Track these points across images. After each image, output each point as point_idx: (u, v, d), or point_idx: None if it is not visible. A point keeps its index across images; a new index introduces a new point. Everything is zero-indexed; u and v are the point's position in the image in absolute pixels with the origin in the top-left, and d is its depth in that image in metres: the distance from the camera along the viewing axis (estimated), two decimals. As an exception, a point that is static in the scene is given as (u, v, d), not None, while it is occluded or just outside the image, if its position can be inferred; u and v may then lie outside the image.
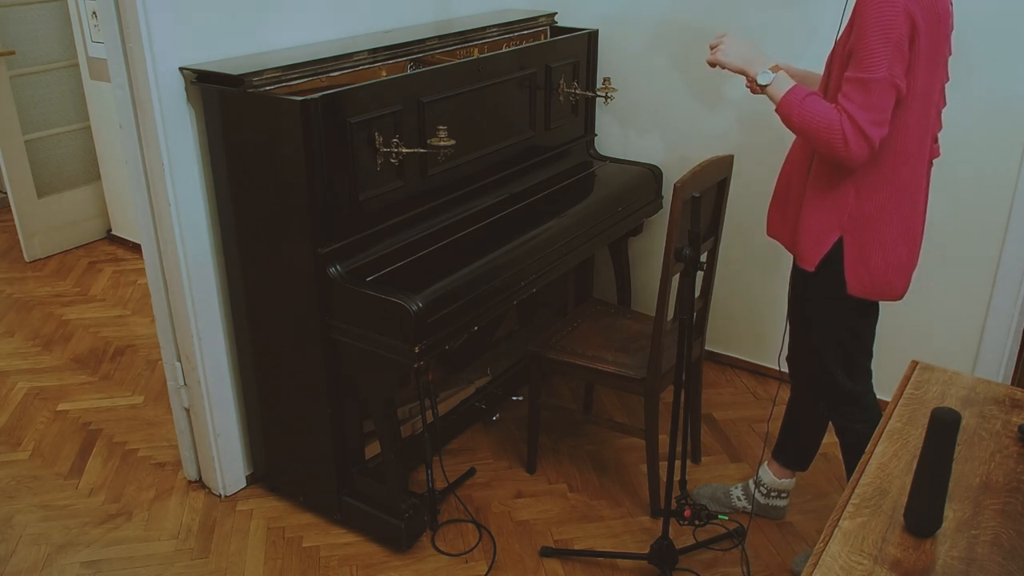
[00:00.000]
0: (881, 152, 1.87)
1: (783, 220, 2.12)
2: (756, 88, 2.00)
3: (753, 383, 3.28)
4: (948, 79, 2.00)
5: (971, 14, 2.54)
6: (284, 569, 2.41)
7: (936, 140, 2.03)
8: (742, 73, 2.04)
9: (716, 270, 2.65)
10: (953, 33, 1.92)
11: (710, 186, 2.35)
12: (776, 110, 1.93)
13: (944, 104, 2.01)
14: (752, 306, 3.26)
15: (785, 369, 2.32)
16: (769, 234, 2.20)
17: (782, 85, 1.92)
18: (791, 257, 2.16)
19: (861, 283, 1.98)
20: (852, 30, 1.82)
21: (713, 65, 2.09)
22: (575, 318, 2.79)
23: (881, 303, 2.16)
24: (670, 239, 2.21)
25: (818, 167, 1.97)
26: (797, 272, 2.12)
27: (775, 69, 1.96)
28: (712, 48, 2.09)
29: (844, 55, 1.85)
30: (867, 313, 2.09)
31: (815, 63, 2.23)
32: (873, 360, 2.20)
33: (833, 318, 2.08)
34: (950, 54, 1.95)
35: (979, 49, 2.57)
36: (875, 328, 2.14)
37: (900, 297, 2.03)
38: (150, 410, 3.17)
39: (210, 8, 2.29)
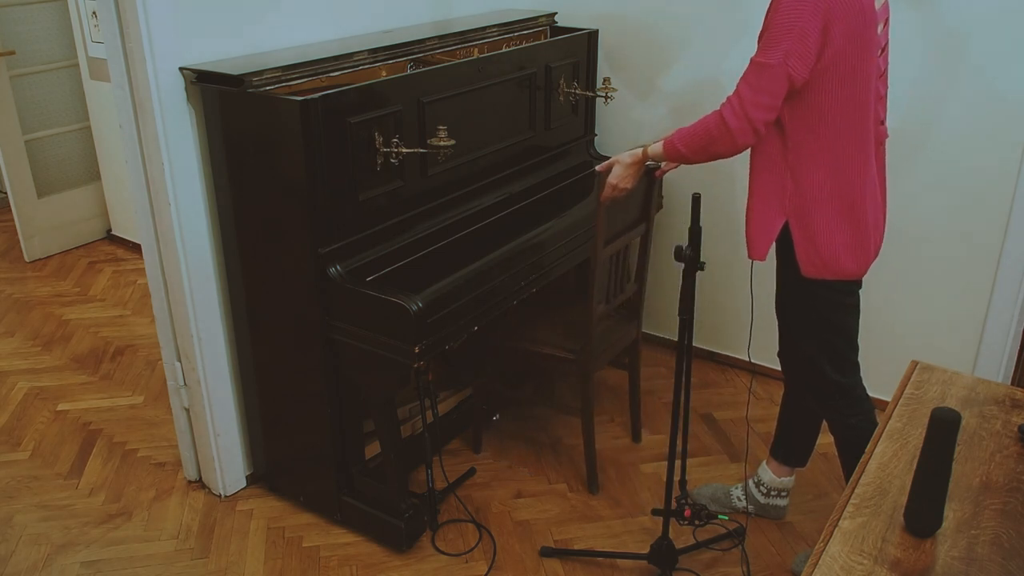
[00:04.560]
0: (812, 136, 1.94)
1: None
2: (649, 160, 2.17)
3: (754, 383, 3.28)
4: (887, 63, 2.05)
5: (971, 14, 2.54)
6: (284, 569, 2.41)
7: (882, 123, 2.07)
8: (639, 170, 2.21)
9: (649, 258, 2.73)
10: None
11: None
12: (667, 158, 2.09)
13: (886, 88, 2.07)
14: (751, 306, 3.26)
15: (756, 360, 2.33)
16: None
17: (656, 144, 2.13)
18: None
19: (812, 264, 2.02)
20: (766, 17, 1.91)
21: (615, 190, 2.24)
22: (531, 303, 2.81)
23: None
24: (598, 225, 2.31)
25: (754, 159, 2.05)
26: (777, 268, 2.14)
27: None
28: (611, 186, 2.24)
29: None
30: (843, 305, 2.10)
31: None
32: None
33: (810, 310, 2.11)
34: (886, 40, 2.01)
35: (979, 49, 2.57)
36: (858, 321, 2.15)
37: (855, 276, 2.06)
38: (150, 410, 3.17)
39: (210, 8, 2.29)
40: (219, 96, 2.23)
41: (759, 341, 2.67)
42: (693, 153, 2.01)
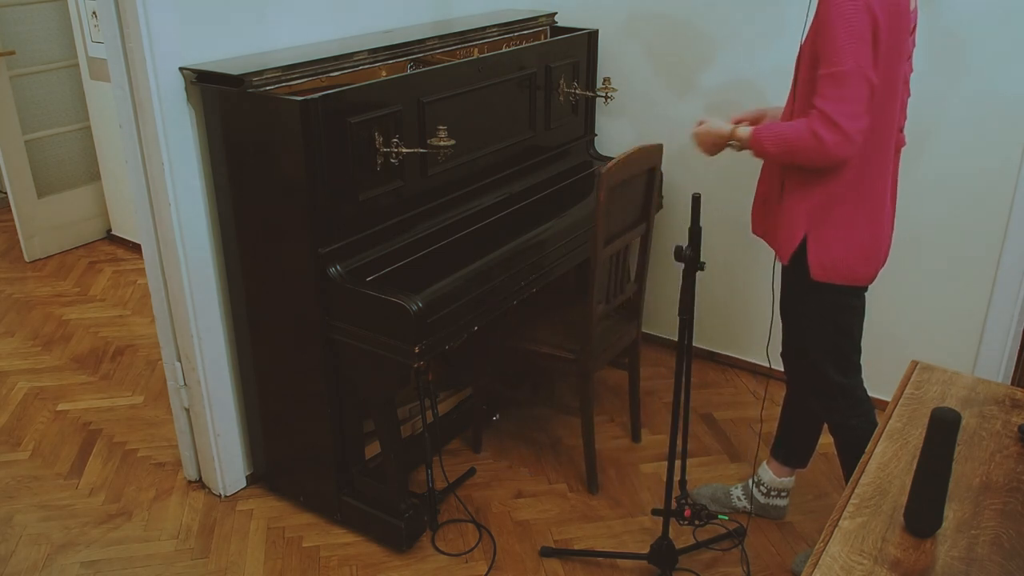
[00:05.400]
0: None
1: (764, 217, 2.16)
2: (732, 140, 2.10)
3: (753, 383, 3.28)
4: (911, 70, 2.04)
5: (971, 14, 2.54)
6: (284, 569, 2.41)
7: (902, 130, 2.07)
8: (717, 143, 2.15)
9: (649, 258, 2.72)
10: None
11: (638, 174, 2.42)
12: (750, 148, 2.01)
13: (908, 95, 2.06)
14: (752, 306, 3.26)
15: (758, 361, 2.33)
16: (753, 232, 2.22)
17: (745, 130, 2.05)
18: None
19: (824, 268, 2.02)
20: (815, 30, 1.86)
21: (696, 148, 2.22)
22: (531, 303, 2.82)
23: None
24: (598, 225, 2.30)
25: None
26: (783, 270, 2.14)
27: (736, 122, 2.14)
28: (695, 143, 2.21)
29: (810, 56, 1.89)
30: (850, 307, 2.10)
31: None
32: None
33: (816, 312, 2.10)
34: (913, 47, 2.00)
35: (979, 49, 2.57)
36: (862, 323, 2.15)
37: (866, 282, 2.06)
38: (150, 410, 3.17)
39: (210, 8, 2.29)
40: (219, 96, 2.22)
41: (760, 341, 2.69)
42: (780, 155, 1.95)
